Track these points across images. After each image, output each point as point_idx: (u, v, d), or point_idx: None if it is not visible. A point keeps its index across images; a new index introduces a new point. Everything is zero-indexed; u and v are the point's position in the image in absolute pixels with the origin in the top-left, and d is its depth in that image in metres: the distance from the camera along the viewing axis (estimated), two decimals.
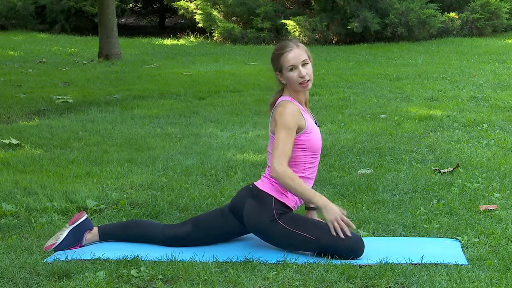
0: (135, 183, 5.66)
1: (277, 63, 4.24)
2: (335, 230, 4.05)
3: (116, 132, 7.69)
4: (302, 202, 4.34)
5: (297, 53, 4.20)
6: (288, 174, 4.08)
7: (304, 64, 4.21)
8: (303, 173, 4.25)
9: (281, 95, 4.30)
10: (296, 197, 4.24)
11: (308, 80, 4.21)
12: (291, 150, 4.14)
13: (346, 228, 4.05)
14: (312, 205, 4.48)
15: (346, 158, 6.39)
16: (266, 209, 4.16)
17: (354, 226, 4.12)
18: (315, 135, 4.24)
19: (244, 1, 18.41)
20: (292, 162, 4.22)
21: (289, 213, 4.20)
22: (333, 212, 4.06)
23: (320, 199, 4.09)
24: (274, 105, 4.29)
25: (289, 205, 4.20)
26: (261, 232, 4.21)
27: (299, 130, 4.19)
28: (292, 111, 4.15)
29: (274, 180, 4.22)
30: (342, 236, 4.03)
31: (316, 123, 4.35)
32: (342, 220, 4.06)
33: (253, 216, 4.19)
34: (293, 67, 4.20)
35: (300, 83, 4.21)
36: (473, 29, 18.24)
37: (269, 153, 4.29)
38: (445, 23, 17.89)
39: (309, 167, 4.26)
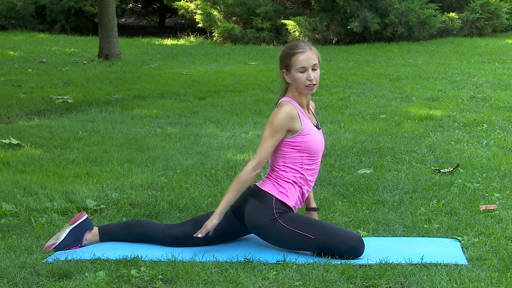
0: (135, 183, 5.66)
1: (287, 61, 4.24)
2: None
3: (116, 132, 7.69)
4: (303, 203, 4.34)
5: (309, 56, 4.21)
6: (242, 177, 4.14)
7: (314, 68, 4.22)
8: (301, 174, 4.24)
9: (283, 96, 4.30)
10: (296, 197, 4.24)
11: (314, 84, 4.22)
12: (269, 151, 4.17)
13: (203, 231, 4.14)
14: (313, 206, 4.48)
15: (346, 158, 6.39)
16: (267, 208, 4.16)
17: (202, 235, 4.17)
18: (312, 138, 4.23)
19: (244, 1, 18.40)
20: (290, 162, 4.23)
21: (290, 213, 4.20)
22: (211, 224, 4.14)
23: (217, 212, 4.16)
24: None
25: (289, 205, 4.21)
26: (261, 232, 4.22)
27: (293, 132, 4.19)
28: (286, 113, 4.17)
29: (275, 180, 4.23)
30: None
31: (318, 126, 4.34)
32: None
33: (253, 215, 4.19)
34: (303, 69, 4.20)
35: (306, 86, 4.21)
36: (473, 29, 18.24)
37: (272, 156, 4.29)
38: (445, 23, 17.88)
39: (307, 168, 4.25)
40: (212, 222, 4.14)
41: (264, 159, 4.16)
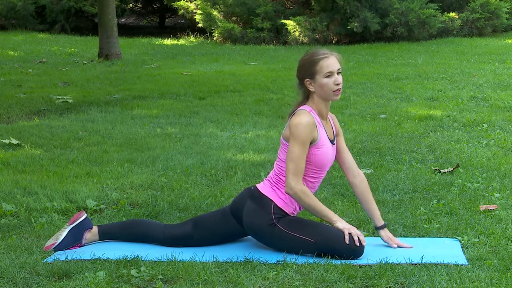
0: (135, 183, 5.66)
1: (310, 68, 4.14)
2: (350, 237, 4.05)
3: (116, 132, 7.69)
4: (302, 208, 4.31)
5: (334, 61, 4.15)
6: (304, 190, 4.10)
7: (338, 72, 4.17)
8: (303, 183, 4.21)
9: (302, 105, 4.22)
10: (295, 204, 4.22)
11: (340, 89, 4.17)
12: (305, 164, 4.13)
13: (362, 238, 4.07)
14: (381, 224, 4.34)
15: None
16: (265, 212, 4.15)
17: (365, 243, 4.10)
18: (323, 152, 4.18)
19: (244, 1, 18.40)
20: None
21: (288, 217, 4.18)
22: (347, 224, 4.12)
23: (333, 215, 4.13)
24: (292, 114, 4.22)
25: (287, 212, 4.19)
26: (260, 235, 4.21)
27: (311, 143, 4.14)
28: (307, 123, 4.09)
29: (275, 185, 4.21)
30: (357, 244, 4.04)
31: (332, 141, 4.28)
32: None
33: (251, 218, 4.18)
34: (330, 74, 4.14)
35: (334, 91, 4.15)
36: (473, 29, 18.24)
37: (279, 160, 4.24)
38: (445, 23, 17.89)
39: (309, 180, 4.21)
40: (337, 224, 4.10)
41: (303, 169, 4.12)
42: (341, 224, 4.10)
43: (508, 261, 3.96)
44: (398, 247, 4.21)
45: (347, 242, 4.03)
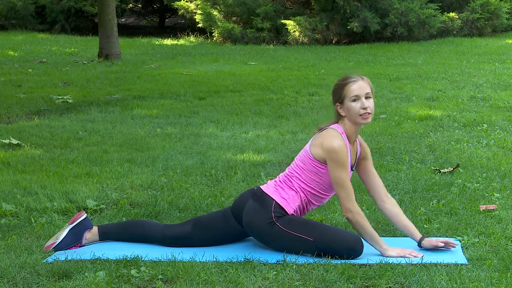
0: (135, 183, 5.66)
1: (339, 93, 4.20)
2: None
3: (116, 132, 7.69)
4: (305, 213, 4.33)
5: (361, 85, 4.17)
6: (361, 213, 4.15)
7: (367, 97, 4.18)
8: (309, 192, 4.22)
9: (334, 124, 4.26)
10: (296, 206, 4.22)
11: (369, 113, 4.18)
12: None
13: (414, 254, 4.10)
14: (420, 237, 4.30)
15: None
16: (265, 210, 4.15)
17: (420, 254, 4.13)
18: None
19: (244, 1, 18.40)
20: (304, 179, 4.21)
21: (287, 216, 4.18)
22: (396, 249, 4.13)
23: (384, 243, 4.15)
24: (322, 129, 4.26)
25: (288, 212, 4.19)
26: (259, 234, 4.21)
27: None
28: (340, 147, 4.11)
29: (280, 185, 4.22)
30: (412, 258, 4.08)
31: (352, 165, 4.28)
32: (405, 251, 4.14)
33: (251, 216, 4.19)
34: (356, 98, 4.16)
35: (361, 115, 4.16)
36: (473, 29, 18.24)
37: (296, 165, 4.25)
38: (445, 23, 17.89)
39: (314, 194, 4.23)
40: (389, 253, 4.13)
41: (352, 190, 4.18)
42: (393, 252, 4.11)
43: (508, 261, 3.96)
44: (445, 245, 4.17)
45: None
